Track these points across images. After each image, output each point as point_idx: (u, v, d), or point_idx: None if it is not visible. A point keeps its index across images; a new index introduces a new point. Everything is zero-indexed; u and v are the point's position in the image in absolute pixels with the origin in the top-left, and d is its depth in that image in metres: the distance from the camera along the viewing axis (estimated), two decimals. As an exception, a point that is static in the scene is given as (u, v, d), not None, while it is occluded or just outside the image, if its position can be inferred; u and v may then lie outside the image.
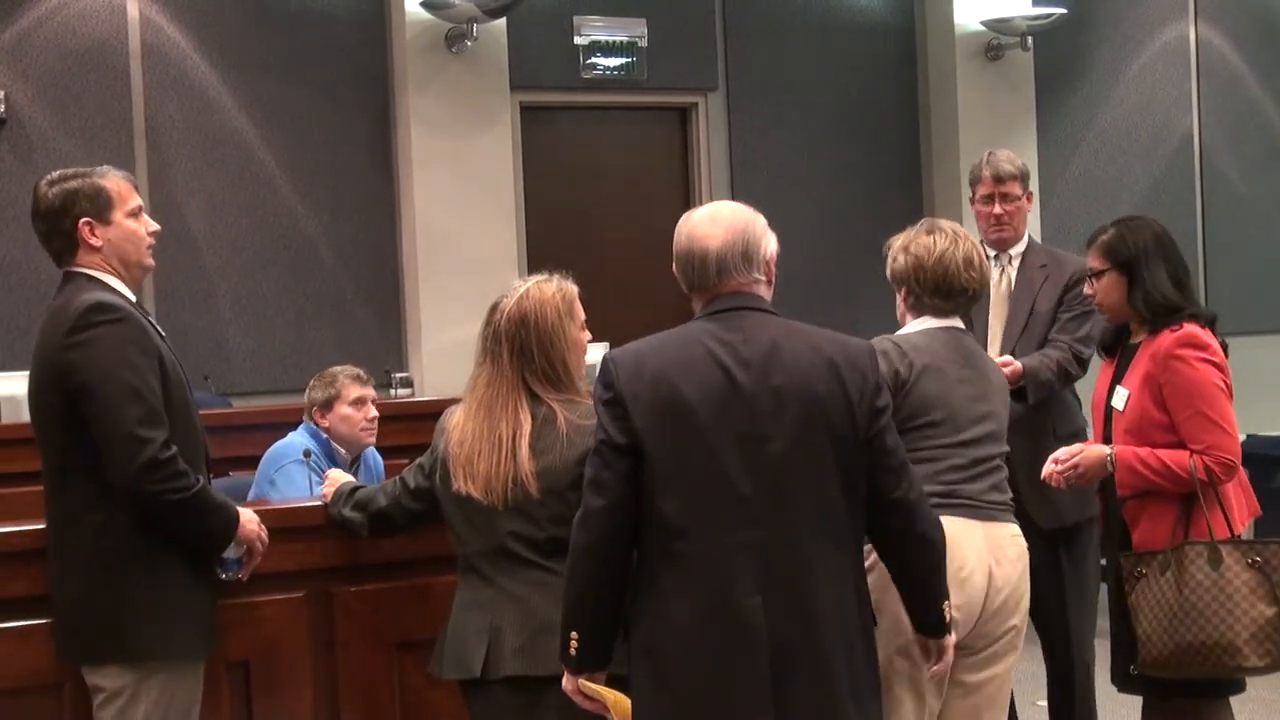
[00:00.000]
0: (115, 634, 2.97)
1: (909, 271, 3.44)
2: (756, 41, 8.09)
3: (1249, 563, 3.47)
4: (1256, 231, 9.11)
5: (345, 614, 3.36)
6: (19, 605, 3.09)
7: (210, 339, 7.00)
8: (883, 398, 2.82)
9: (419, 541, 3.41)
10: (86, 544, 2.97)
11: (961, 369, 3.36)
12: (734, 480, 2.71)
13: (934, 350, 3.35)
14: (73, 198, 3.09)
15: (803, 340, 2.81)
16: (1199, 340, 3.63)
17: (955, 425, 3.30)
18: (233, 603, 3.17)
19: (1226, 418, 3.59)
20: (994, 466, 3.36)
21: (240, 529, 3.07)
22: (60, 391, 2.96)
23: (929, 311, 3.43)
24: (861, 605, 2.82)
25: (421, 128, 7.15)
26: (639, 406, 2.73)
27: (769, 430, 2.72)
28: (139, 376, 2.93)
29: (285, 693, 3.31)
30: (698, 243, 2.86)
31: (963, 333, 3.45)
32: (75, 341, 2.94)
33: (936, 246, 3.41)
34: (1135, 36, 8.86)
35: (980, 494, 3.30)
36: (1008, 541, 3.32)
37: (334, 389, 4.68)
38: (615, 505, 2.73)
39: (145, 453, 2.88)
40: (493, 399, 3.17)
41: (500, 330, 3.17)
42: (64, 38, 6.78)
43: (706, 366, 2.74)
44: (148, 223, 3.17)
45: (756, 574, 2.70)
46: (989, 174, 4.42)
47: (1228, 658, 3.44)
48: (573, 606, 2.80)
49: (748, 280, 2.85)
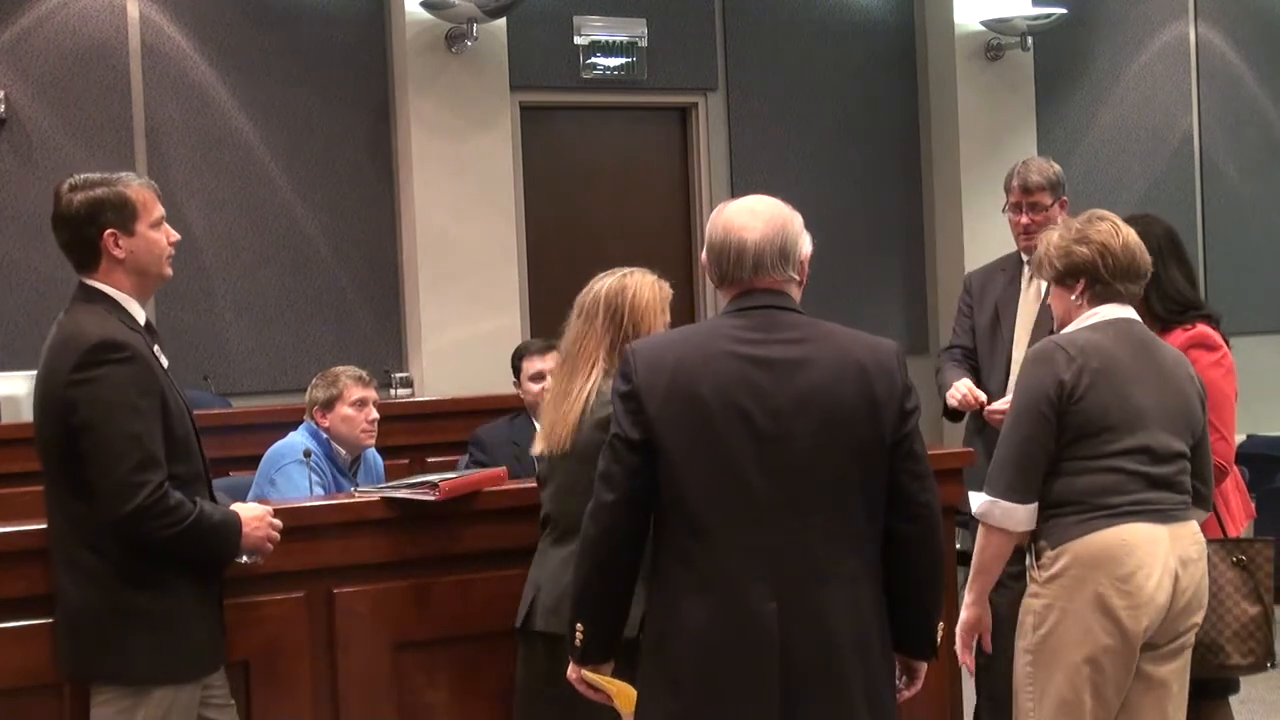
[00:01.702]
0: (116, 655, 2.96)
1: (1094, 259, 3.30)
2: (756, 41, 8.10)
3: (1233, 561, 3.47)
4: (1256, 231, 9.11)
5: (345, 614, 3.36)
6: (19, 605, 3.08)
7: (210, 339, 7.00)
8: (912, 400, 2.75)
9: (419, 541, 3.42)
10: (88, 561, 2.96)
11: (1138, 364, 3.25)
12: (750, 481, 2.66)
13: (1106, 349, 3.24)
14: (98, 207, 3.04)
15: (830, 342, 2.75)
16: (1212, 341, 3.64)
17: (1131, 428, 3.20)
18: (233, 603, 3.17)
19: (1228, 424, 3.61)
20: (1174, 464, 3.25)
21: (245, 540, 3.06)
22: (61, 424, 2.95)
23: (1116, 298, 3.32)
24: (879, 612, 2.76)
25: (421, 128, 7.14)
26: (654, 402, 2.69)
27: (789, 432, 2.67)
28: (140, 420, 2.92)
29: (285, 693, 3.31)
30: (734, 234, 2.77)
31: (1135, 322, 3.34)
32: (79, 379, 2.92)
33: (1119, 232, 3.33)
34: (1135, 36, 8.86)
35: (1163, 495, 3.22)
36: (1190, 540, 3.24)
37: (336, 389, 4.68)
38: (623, 500, 2.70)
39: (135, 500, 2.86)
40: (577, 354, 3.29)
41: (599, 295, 3.30)
42: (64, 38, 6.78)
43: (727, 364, 2.69)
44: (169, 232, 3.14)
45: (771, 579, 2.66)
46: (1018, 184, 4.38)
47: (1211, 656, 3.44)
48: (579, 598, 2.79)
49: (782, 278, 2.77)
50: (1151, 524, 3.18)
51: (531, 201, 7.61)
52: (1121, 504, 3.15)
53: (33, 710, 3.10)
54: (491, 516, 3.49)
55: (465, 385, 6.72)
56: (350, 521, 3.40)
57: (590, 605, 2.78)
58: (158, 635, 2.96)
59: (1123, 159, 8.80)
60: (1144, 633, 3.16)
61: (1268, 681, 5.01)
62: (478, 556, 3.47)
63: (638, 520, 2.72)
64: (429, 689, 3.42)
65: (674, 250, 7.99)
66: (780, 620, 2.65)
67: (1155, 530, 3.18)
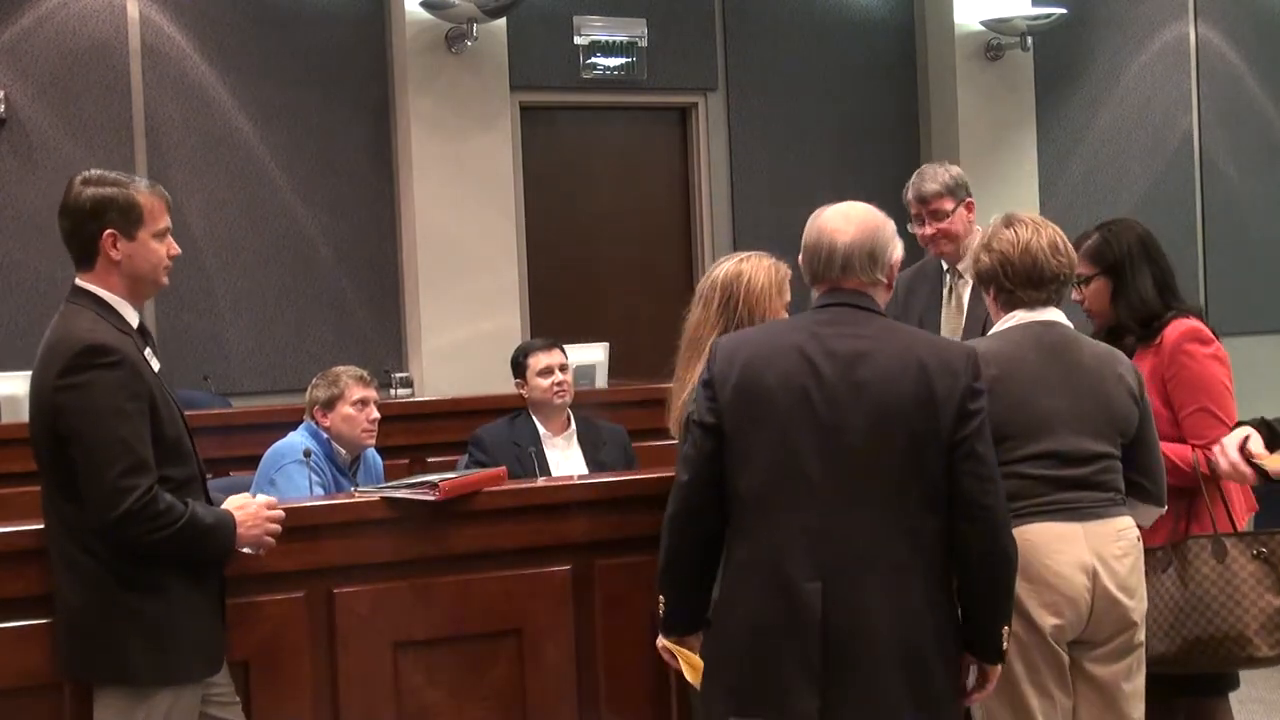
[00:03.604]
0: (116, 657, 2.96)
1: (995, 268, 3.33)
2: (756, 41, 8.10)
3: (1254, 554, 3.47)
4: (1256, 231, 9.11)
5: (345, 614, 3.36)
6: (19, 605, 3.08)
7: (210, 339, 7.00)
8: (977, 402, 2.81)
9: (419, 541, 3.42)
10: (85, 562, 2.96)
11: (1047, 368, 3.24)
12: (805, 465, 2.79)
13: (1006, 356, 3.22)
14: (105, 205, 3.03)
15: (897, 340, 2.87)
16: (1204, 335, 3.64)
17: (1034, 435, 3.18)
18: (233, 603, 3.17)
19: (1230, 414, 3.60)
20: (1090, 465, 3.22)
21: (240, 539, 3.05)
22: (50, 429, 2.95)
23: (1021, 305, 3.32)
24: (938, 615, 2.81)
25: (421, 128, 7.15)
26: (726, 390, 2.86)
27: (845, 422, 2.78)
28: (127, 424, 2.91)
29: (285, 693, 3.31)
30: (827, 236, 2.94)
31: (1053, 324, 3.31)
32: (67, 384, 2.92)
33: (1020, 238, 3.32)
34: (1135, 36, 8.86)
35: (1078, 495, 3.19)
36: (1112, 536, 3.20)
37: (337, 388, 4.68)
38: (697, 481, 2.88)
39: (123, 504, 2.86)
40: (694, 341, 3.38)
41: (716, 282, 3.39)
42: (64, 38, 6.78)
43: (793, 356, 2.84)
44: (172, 245, 3.13)
45: (817, 561, 2.77)
46: (913, 196, 4.27)
47: (1238, 649, 3.44)
48: (661, 572, 2.97)
49: (869, 280, 2.93)
50: (1062, 522, 3.16)
51: (531, 201, 7.61)
52: (1025, 506, 3.14)
53: (33, 710, 3.10)
54: (491, 516, 3.49)
55: (465, 385, 6.72)
56: (350, 521, 3.40)
57: (670, 578, 2.96)
58: (157, 637, 2.96)
59: (1123, 159, 8.80)
60: (1065, 629, 3.14)
61: (1267, 681, 5.01)
62: (478, 556, 3.47)
63: (711, 500, 2.88)
64: (429, 689, 3.41)
65: (674, 250, 8.00)
66: (824, 600, 2.75)
67: (1066, 528, 3.16)
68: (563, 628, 3.50)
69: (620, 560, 3.52)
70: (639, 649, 3.27)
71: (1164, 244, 3.81)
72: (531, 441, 4.94)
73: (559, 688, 3.50)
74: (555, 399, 5.01)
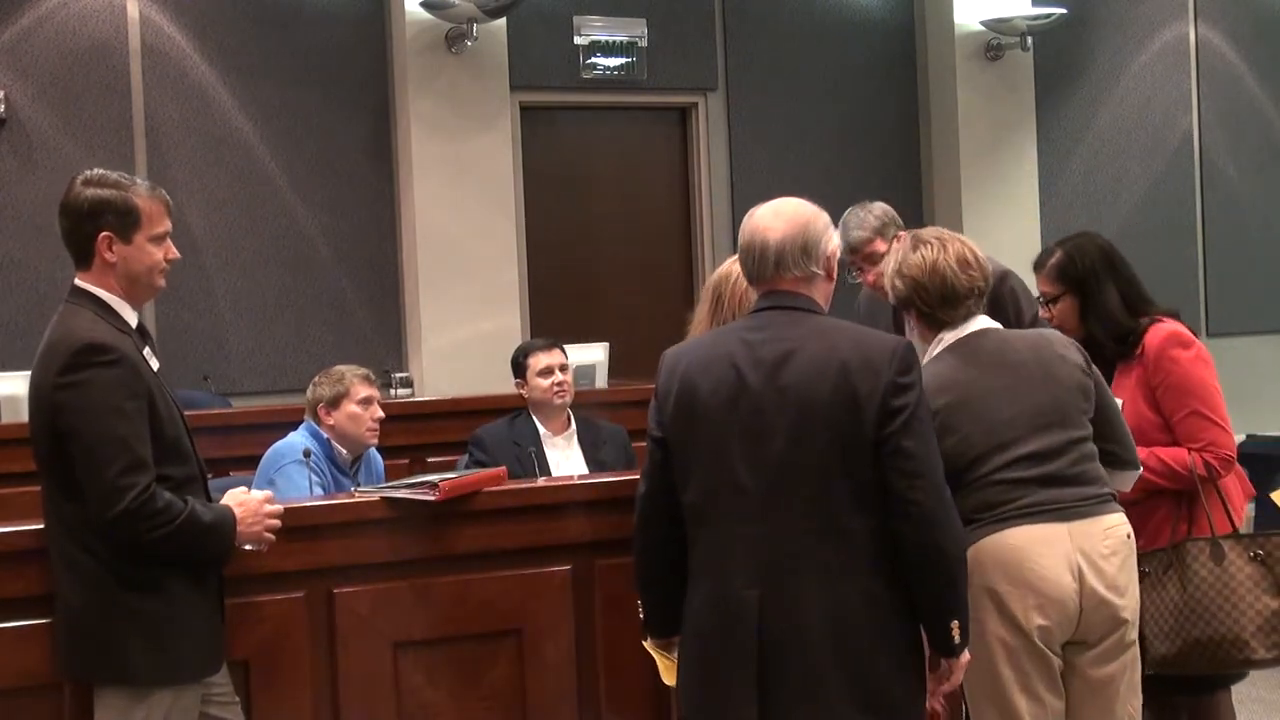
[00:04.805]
0: (115, 656, 2.96)
1: (911, 293, 3.32)
2: (756, 41, 8.10)
3: (1251, 556, 3.48)
4: (1256, 231, 9.11)
5: (345, 614, 3.36)
6: (19, 605, 3.08)
7: (210, 339, 7.00)
8: (901, 398, 2.76)
9: (419, 541, 3.42)
10: (85, 562, 2.96)
11: (992, 378, 3.22)
12: (736, 474, 2.81)
13: (949, 380, 3.21)
14: (102, 207, 3.02)
15: (823, 341, 2.82)
16: (1184, 338, 3.66)
17: (1002, 446, 3.17)
18: (233, 603, 3.17)
19: (1221, 414, 3.61)
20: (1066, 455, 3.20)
21: (240, 537, 3.05)
22: (49, 427, 2.95)
23: (945, 326, 3.31)
24: (880, 611, 2.78)
25: (421, 128, 7.15)
26: (669, 403, 2.91)
27: (770, 428, 2.79)
28: (126, 423, 2.91)
29: (285, 693, 3.31)
30: (759, 234, 2.93)
31: (980, 333, 3.30)
32: (66, 383, 2.92)
33: (927, 259, 3.30)
34: (1135, 36, 8.87)
35: (1061, 493, 3.17)
36: (1099, 536, 3.18)
37: (342, 386, 4.67)
38: (651, 490, 2.95)
39: (122, 502, 2.86)
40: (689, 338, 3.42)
41: (710, 281, 3.48)
42: (64, 38, 6.79)
43: (724, 365, 2.85)
44: (170, 249, 3.12)
45: (754, 568, 2.79)
46: (844, 246, 4.13)
47: (1235, 651, 3.44)
48: (635, 576, 3.04)
49: (804, 274, 2.91)
50: (1047, 524, 3.14)
51: (531, 201, 7.61)
52: (1009, 510, 3.14)
53: (33, 710, 3.10)
54: (491, 516, 3.49)
55: (465, 385, 6.72)
56: (350, 521, 3.40)
57: (640, 583, 3.04)
58: (157, 637, 2.96)
59: (1123, 159, 8.80)
60: (1053, 631, 3.13)
61: (1267, 681, 5.01)
62: (478, 556, 3.47)
63: (664, 509, 2.92)
64: (429, 689, 3.41)
65: (674, 250, 8.00)
66: (760, 608, 2.77)
67: (1049, 529, 3.14)
68: (562, 628, 3.51)
69: (620, 560, 3.50)
70: (639, 649, 3.27)
71: (1164, 244, 3.83)
72: (531, 441, 4.94)
73: (559, 688, 3.50)
74: (555, 399, 5.01)
